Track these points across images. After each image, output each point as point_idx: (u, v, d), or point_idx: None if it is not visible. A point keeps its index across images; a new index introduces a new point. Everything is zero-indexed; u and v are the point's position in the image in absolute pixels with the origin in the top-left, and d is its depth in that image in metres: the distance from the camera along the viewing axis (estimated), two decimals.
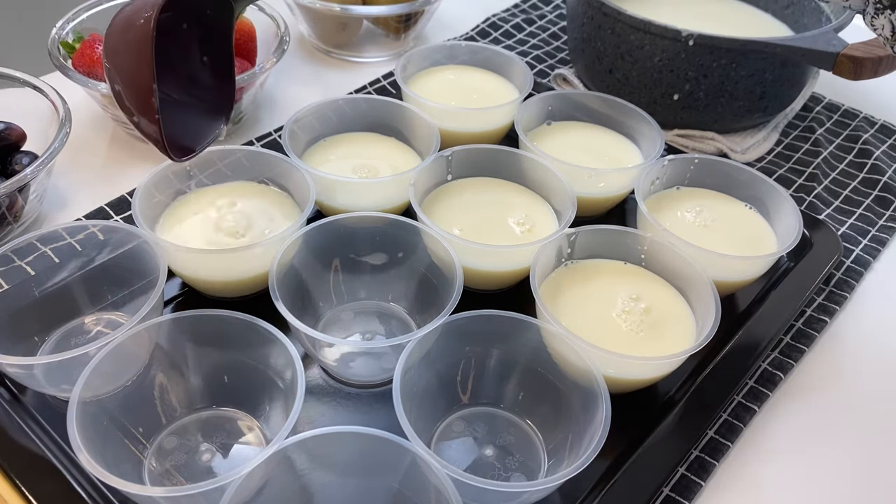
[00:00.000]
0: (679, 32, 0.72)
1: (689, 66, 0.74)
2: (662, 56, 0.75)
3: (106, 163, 0.74)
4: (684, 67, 0.74)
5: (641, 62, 0.77)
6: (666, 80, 0.76)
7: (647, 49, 0.75)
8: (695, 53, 0.73)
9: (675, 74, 0.75)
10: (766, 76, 0.74)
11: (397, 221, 0.58)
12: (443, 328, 0.51)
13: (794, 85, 0.78)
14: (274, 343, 0.48)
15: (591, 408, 0.48)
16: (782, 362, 0.60)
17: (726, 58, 0.73)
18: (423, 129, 0.69)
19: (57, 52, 0.71)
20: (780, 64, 0.73)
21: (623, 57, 0.78)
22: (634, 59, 0.77)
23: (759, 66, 0.73)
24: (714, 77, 0.74)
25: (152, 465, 0.48)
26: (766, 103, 0.77)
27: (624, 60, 0.78)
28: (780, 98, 0.78)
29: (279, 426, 0.43)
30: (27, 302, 0.55)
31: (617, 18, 0.76)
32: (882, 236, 0.72)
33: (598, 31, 0.79)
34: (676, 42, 0.73)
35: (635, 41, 0.76)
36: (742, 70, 0.73)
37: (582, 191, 0.65)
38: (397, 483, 0.46)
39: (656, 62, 0.76)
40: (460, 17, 1.01)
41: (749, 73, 0.74)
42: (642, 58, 0.76)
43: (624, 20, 0.75)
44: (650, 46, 0.75)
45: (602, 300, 0.58)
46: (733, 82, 0.74)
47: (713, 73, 0.74)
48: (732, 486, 0.52)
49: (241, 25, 0.76)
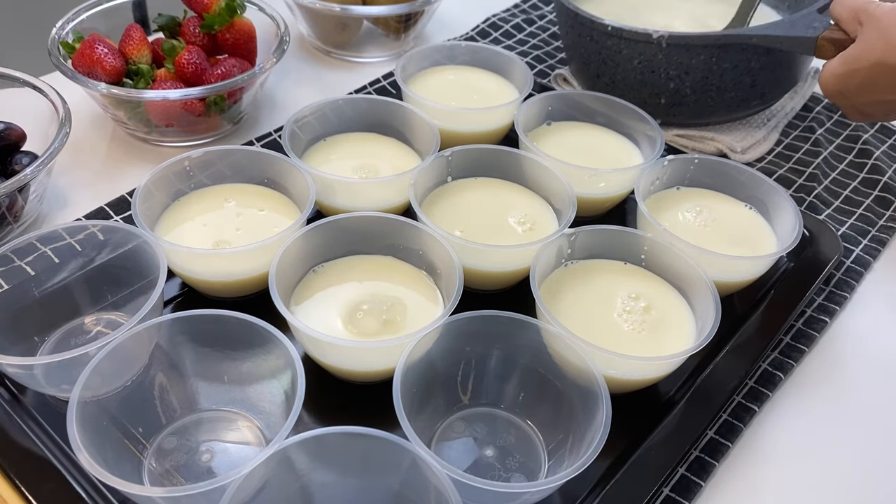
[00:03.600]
0: (650, 35, 0.72)
1: (668, 65, 0.74)
2: (641, 59, 0.75)
3: (106, 163, 0.74)
4: (664, 67, 0.74)
5: (623, 66, 0.77)
6: (649, 80, 0.76)
7: (625, 53, 0.75)
8: (671, 53, 0.73)
9: (656, 75, 0.75)
10: (752, 65, 0.73)
11: (397, 221, 0.58)
12: (443, 328, 0.51)
13: (788, 68, 0.76)
14: (274, 343, 0.48)
15: (592, 408, 0.48)
16: (782, 362, 0.60)
17: (704, 53, 0.72)
18: (423, 129, 0.69)
19: (57, 52, 0.71)
20: (765, 52, 0.72)
21: (605, 62, 0.78)
22: (616, 64, 0.77)
23: (741, 57, 0.72)
24: (696, 73, 0.74)
25: (152, 465, 0.48)
26: (761, 90, 0.76)
27: (607, 65, 0.78)
28: (776, 83, 0.77)
29: (279, 426, 0.43)
30: (27, 302, 0.55)
31: (591, 26, 0.76)
32: (882, 236, 0.72)
33: (580, 39, 0.79)
34: (650, 44, 0.73)
35: (613, 46, 0.76)
36: (724, 63, 0.73)
37: (582, 191, 0.65)
38: (397, 483, 0.46)
39: (636, 65, 0.75)
40: (460, 17, 1.01)
41: (732, 65, 0.73)
42: (622, 62, 0.76)
43: (597, 28, 0.75)
44: (627, 50, 0.75)
45: (602, 300, 0.58)
46: (717, 76, 0.74)
47: (694, 69, 0.74)
48: (732, 487, 0.52)
49: (241, 25, 0.76)
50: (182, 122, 0.73)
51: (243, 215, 0.62)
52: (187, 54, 0.72)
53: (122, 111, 0.72)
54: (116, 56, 0.70)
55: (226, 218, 0.62)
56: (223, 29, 0.75)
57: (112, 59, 0.69)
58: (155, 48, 0.74)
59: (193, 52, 0.72)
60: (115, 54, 0.70)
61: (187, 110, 0.71)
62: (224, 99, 0.72)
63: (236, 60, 0.74)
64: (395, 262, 0.60)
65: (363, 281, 0.58)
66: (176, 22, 0.77)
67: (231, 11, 0.75)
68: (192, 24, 0.76)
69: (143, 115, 0.72)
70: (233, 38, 0.76)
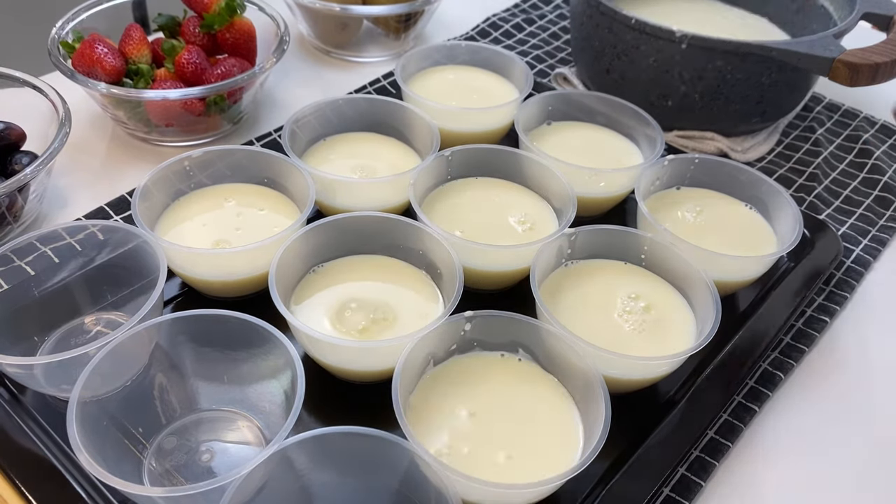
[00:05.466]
0: (673, 33, 0.72)
1: (683, 67, 0.74)
2: (657, 56, 0.75)
3: (106, 163, 0.74)
4: (678, 69, 0.74)
5: (637, 62, 0.77)
6: (661, 81, 0.76)
7: (642, 49, 0.75)
8: (689, 55, 0.73)
9: (669, 75, 0.75)
10: (762, 80, 0.74)
11: (397, 221, 0.58)
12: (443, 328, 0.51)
13: (793, 90, 0.78)
14: (274, 343, 0.48)
15: (592, 408, 0.48)
16: (782, 362, 0.60)
17: (721, 60, 0.72)
18: (423, 129, 0.69)
19: (57, 52, 0.71)
20: (778, 69, 0.73)
21: (619, 57, 0.78)
22: (630, 59, 0.77)
23: (755, 70, 0.73)
24: (709, 80, 0.74)
25: (152, 465, 0.48)
26: (763, 108, 0.77)
27: (620, 60, 0.78)
28: (779, 103, 0.78)
29: (279, 426, 0.43)
30: (27, 302, 0.55)
31: (613, 17, 0.76)
32: (882, 236, 0.72)
33: (597, 30, 0.79)
34: (670, 43, 0.73)
35: (631, 41, 0.76)
36: (738, 73, 0.73)
37: (582, 191, 0.65)
38: (397, 483, 0.46)
39: (651, 62, 0.76)
40: (460, 17, 1.01)
41: (745, 77, 0.73)
42: (638, 58, 0.76)
43: (619, 19, 0.75)
44: (645, 47, 0.75)
45: (602, 300, 0.58)
46: (729, 86, 0.74)
47: (708, 75, 0.74)
48: (732, 487, 0.52)
49: (241, 25, 0.76)
50: (182, 122, 0.73)
51: (243, 215, 0.62)
52: (187, 54, 0.72)
53: (121, 111, 0.72)
54: (116, 56, 0.70)
55: (226, 218, 0.62)
56: (223, 29, 0.75)
57: (112, 58, 0.69)
58: (155, 48, 0.74)
59: (193, 51, 0.72)
60: (115, 54, 0.70)
61: (187, 110, 0.71)
62: (224, 99, 0.72)
63: (236, 60, 0.74)
64: (395, 262, 0.60)
65: (363, 281, 0.58)
66: (176, 22, 0.77)
67: (231, 11, 0.75)
68: (192, 24, 0.76)
69: (143, 114, 0.72)
70: (233, 38, 0.76)
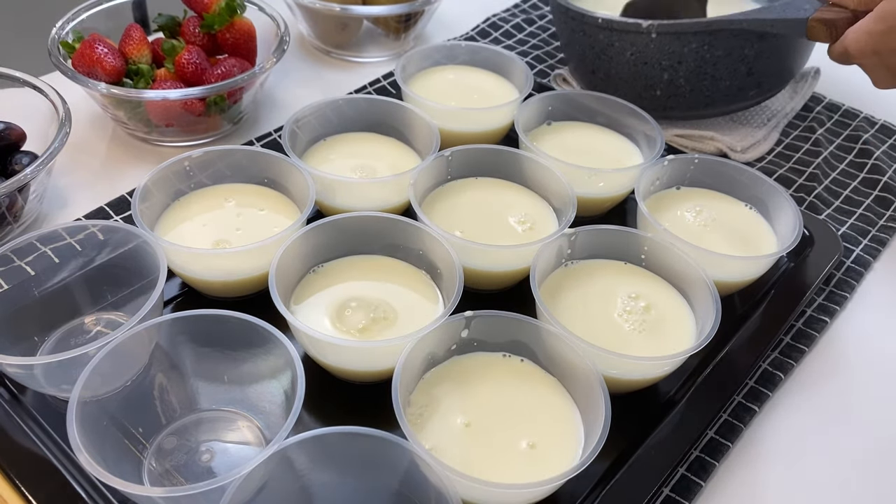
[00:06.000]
0: (640, 25, 0.72)
1: (660, 55, 0.74)
2: (633, 50, 0.75)
3: (106, 163, 0.74)
4: (657, 58, 0.74)
5: (616, 59, 0.77)
6: (643, 73, 0.76)
7: (617, 46, 0.76)
8: (661, 43, 0.73)
9: (649, 66, 0.75)
10: (745, 52, 0.73)
11: (397, 221, 0.58)
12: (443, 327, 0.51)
13: (784, 57, 0.76)
14: (274, 343, 0.48)
15: (592, 408, 0.48)
16: (782, 362, 0.60)
17: (695, 41, 0.72)
18: (423, 129, 0.69)
19: (57, 52, 0.71)
20: (758, 38, 0.72)
21: (599, 57, 0.78)
22: (609, 57, 0.77)
23: (733, 44, 0.72)
24: (689, 62, 0.74)
25: (152, 465, 0.48)
26: (757, 79, 0.76)
27: (601, 60, 0.78)
28: (773, 72, 0.77)
29: (279, 426, 0.43)
30: (27, 302, 0.55)
31: (583, 20, 0.76)
32: (882, 236, 0.72)
33: (574, 35, 0.79)
34: (640, 35, 0.73)
35: (605, 40, 0.76)
36: (716, 51, 0.72)
37: (582, 191, 0.65)
38: (397, 483, 0.46)
39: (629, 57, 0.76)
40: (460, 17, 1.01)
41: (725, 53, 0.73)
42: (615, 55, 0.76)
43: (588, 21, 0.76)
44: (619, 43, 0.75)
45: (602, 300, 0.58)
46: (711, 64, 0.74)
47: (686, 58, 0.73)
48: (732, 487, 0.52)
49: (241, 25, 0.76)
50: (182, 122, 0.73)
51: (243, 215, 0.62)
52: (187, 54, 0.72)
53: (122, 111, 0.72)
54: (116, 56, 0.70)
55: (226, 218, 0.62)
56: (223, 29, 0.75)
57: (112, 58, 0.69)
58: (155, 48, 0.74)
59: (193, 51, 0.72)
60: (115, 54, 0.70)
61: (187, 110, 0.71)
62: (224, 99, 0.72)
63: (236, 60, 0.74)
64: (394, 262, 0.60)
65: (363, 281, 0.58)
66: (176, 22, 0.77)
67: (231, 11, 0.75)
68: (192, 24, 0.76)
69: (143, 115, 0.72)
70: (233, 38, 0.76)
